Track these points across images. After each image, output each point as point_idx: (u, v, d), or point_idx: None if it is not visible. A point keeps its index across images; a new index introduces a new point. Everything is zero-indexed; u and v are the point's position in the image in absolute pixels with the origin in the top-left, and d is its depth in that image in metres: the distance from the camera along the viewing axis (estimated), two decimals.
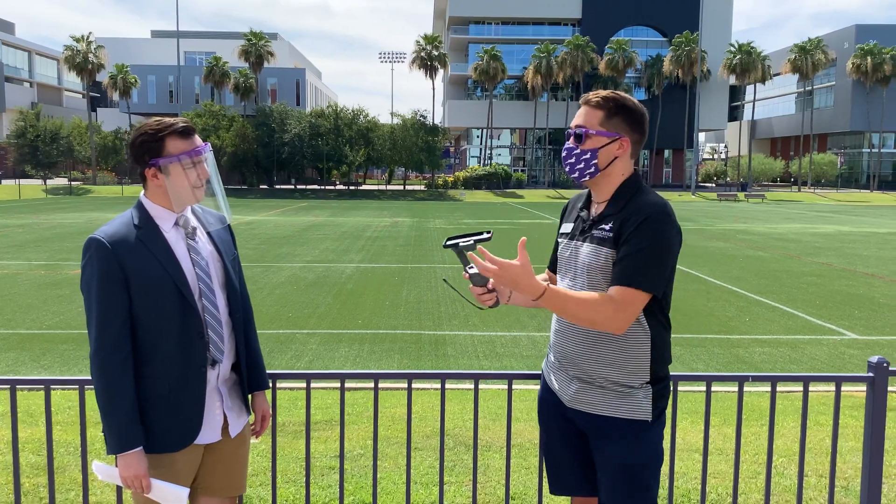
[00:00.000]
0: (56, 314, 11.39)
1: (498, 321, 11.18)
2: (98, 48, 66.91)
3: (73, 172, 68.37)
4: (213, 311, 2.51)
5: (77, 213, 35.42)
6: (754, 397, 7.02)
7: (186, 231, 2.50)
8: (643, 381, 2.51)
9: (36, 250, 19.85)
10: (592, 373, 2.53)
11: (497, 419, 6.02)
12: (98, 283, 2.37)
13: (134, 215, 2.46)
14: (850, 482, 4.49)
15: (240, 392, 2.68)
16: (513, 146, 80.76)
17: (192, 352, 2.44)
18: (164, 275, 2.39)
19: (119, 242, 2.38)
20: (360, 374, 3.34)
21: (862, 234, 28.41)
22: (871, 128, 72.55)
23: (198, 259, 2.50)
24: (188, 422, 2.47)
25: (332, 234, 26.16)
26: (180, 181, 2.43)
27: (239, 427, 2.65)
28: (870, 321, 11.51)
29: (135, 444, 2.37)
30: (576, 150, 2.52)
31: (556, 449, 2.74)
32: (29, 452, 4.92)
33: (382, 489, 4.31)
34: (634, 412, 2.50)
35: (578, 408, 2.58)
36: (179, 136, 2.43)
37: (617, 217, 2.47)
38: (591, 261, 2.49)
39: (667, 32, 73.28)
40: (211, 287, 2.51)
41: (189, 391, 2.46)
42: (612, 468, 2.54)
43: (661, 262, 2.39)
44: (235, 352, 2.62)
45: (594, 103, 2.51)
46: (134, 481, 2.37)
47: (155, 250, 2.41)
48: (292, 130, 62.83)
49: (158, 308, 2.39)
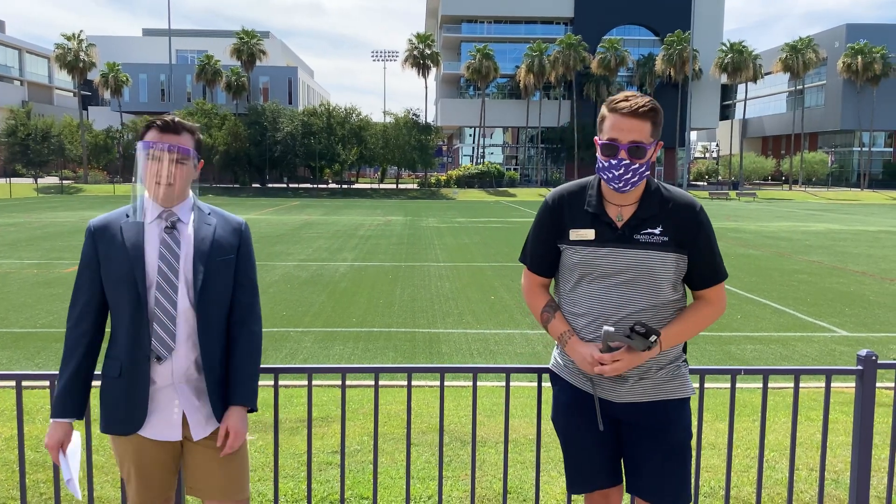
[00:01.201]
0: (49, 313, 11.38)
1: (492, 319, 11.23)
2: (89, 46, 66.67)
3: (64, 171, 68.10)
4: (166, 306, 2.47)
5: (69, 212, 35.29)
6: (745, 394, 7.10)
7: (166, 224, 2.52)
8: (682, 357, 2.68)
9: (28, 249, 19.79)
10: (651, 362, 2.58)
11: (492, 415, 6.07)
12: (80, 262, 2.58)
13: (131, 204, 2.58)
14: (839, 475, 4.57)
15: (206, 395, 2.57)
16: (505, 145, 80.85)
17: (137, 341, 2.48)
18: (125, 263, 2.47)
19: (101, 229, 2.54)
20: (361, 368, 3.38)
21: (852, 232, 28.59)
22: (862, 126, 72.92)
23: (166, 252, 2.50)
24: (132, 410, 2.50)
25: (325, 232, 26.16)
26: (140, 170, 2.52)
27: (203, 431, 2.56)
28: (860, 318, 11.61)
29: (59, 414, 2.53)
30: (633, 165, 2.44)
31: (587, 450, 2.70)
32: (27, 449, 4.94)
33: (380, 483, 4.35)
34: (686, 390, 2.64)
35: (633, 400, 2.59)
36: (158, 129, 2.53)
37: (661, 220, 2.53)
38: (648, 264, 2.51)
39: (658, 31, 73.46)
40: (172, 282, 2.48)
41: (135, 380, 2.49)
42: (668, 450, 2.60)
43: (718, 249, 2.63)
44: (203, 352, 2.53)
45: (643, 113, 2.43)
46: (49, 449, 2.54)
47: (127, 238, 2.50)
48: (284, 129, 62.72)
49: (117, 294, 2.50)
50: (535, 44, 69.51)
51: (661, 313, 2.56)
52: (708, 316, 2.61)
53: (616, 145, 2.43)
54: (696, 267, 2.57)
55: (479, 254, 19.72)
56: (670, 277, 2.53)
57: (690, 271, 2.58)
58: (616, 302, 2.53)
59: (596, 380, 2.61)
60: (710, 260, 2.58)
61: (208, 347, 2.54)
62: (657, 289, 2.53)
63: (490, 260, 18.45)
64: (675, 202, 2.54)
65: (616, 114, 2.45)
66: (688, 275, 2.60)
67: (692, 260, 2.56)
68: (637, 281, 2.51)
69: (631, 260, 2.50)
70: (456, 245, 22.10)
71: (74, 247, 20.36)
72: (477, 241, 23.48)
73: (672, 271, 2.53)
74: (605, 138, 2.47)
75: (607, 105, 2.50)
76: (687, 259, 2.55)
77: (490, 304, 12.42)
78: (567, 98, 74.02)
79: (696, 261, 2.56)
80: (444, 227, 29.54)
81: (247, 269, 2.65)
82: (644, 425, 2.61)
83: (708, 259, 2.57)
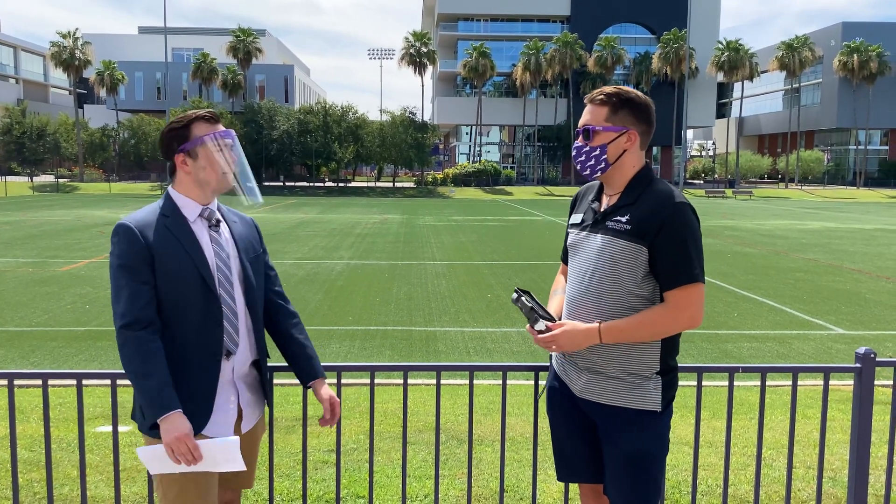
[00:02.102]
0: (45, 311, 11.33)
1: (488, 317, 11.22)
2: (85, 44, 66.46)
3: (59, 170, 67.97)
4: (230, 303, 2.53)
5: (64, 211, 35.20)
6: (742, 392, 7.10)
7: (210, 222, 2.55)
8: (653, 371, 2.55)
9: (23, 248, 19.73)
10: (603, 363, 2.56)
11: (488, 414, 6.06)
12: (125, 264, 2.40)
13: (162, 205, 2.52)
14: (837, 473, 4.56)
15: (258, 389, 2.70)
16: (502, 143, 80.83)
17: (208, 339, 2.47)
18: (188, 260, 2.44)
19: (146, 227, 2.44)
20: (357, 366, 3.36)
21: (848, 230, 28.64)
22: (858, 125, 73.04)
23: (219, 250, 2.54)
24: (197, 410, 2.46)
25: (321, 231, 26.13)
26: (207, 164, 2.50)
27: (251, 423, 2.66)
28: (856, 316, 11.62)
29: (174, 405, 2.35)
30: (585, 147, 2.56)
31: (565, 437, 2.76)
32: (20, 448, 4.91)
33: (377, 482, 4.33)
34: (644, 402, 2.54)
35: (589, 398, 2.61)
36: (205, 121, 2.52)
37: (633, 209, 2.49)
38: (609, 251, 2.50)
39: (655, 30, 73.48)
40: (229, 279, 2.54)
41: (202, 379, 2.47)
42: (620, 457, 2.57)
43: (700, 250, 2.48)
44: (256, 349, 2.64)
45: (598, 100, 2.55)
46: (179, 445, 2.32)
47: (180, 237, 2.46)
48: (281, 127, 62.65)
49: (180, 293, 2.43)
50: (531, 42, 69.49)
51: (620, 306, 2.50)
52: (659, 317, 2.45)
53: (578, 131, 2.61)
54: (658, 262, 2.45)
55: (476, 252, 19.70)
56: (629, 268, 2.47)
57: (655, 268, 2.46)
58: (582, 287, 2.58)
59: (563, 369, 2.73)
60: (675, 258, 2.42)
61: (261, 341, 2.65)
62: (617, 279, 2.50)
63: (487, 258, 18.43)
64: (652, 193, 2.49)
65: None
66: (655, 273, 2.48)
67: (653, 254, 2.44)
68: (601, 268, 2.52)
69: (598, 246, 2.54)
70: (452, 243, 22.08)
71: (70, 245, 20.31)
72: (474, 239, 23.47)
73: (629, 262, 2.46)
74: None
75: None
76: (647, 252, 2.45)
77: (487, 303, 12.41)
78: (564, 96, 74.05)
79: (657, 256, 2.44)
80: (441, 225, 29.51)
81: (270, 263, 2.80)
82: (602, 426, 2.62)
83: (672, 256, 2.42)
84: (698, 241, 2.48)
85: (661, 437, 2.58)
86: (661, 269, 2.46)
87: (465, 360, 8.80)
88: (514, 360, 8.79)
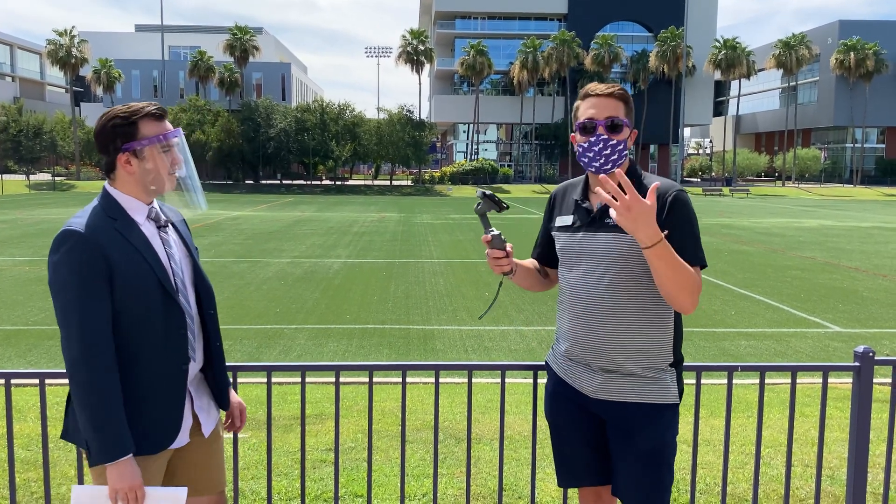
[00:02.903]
0: (41, 310, 11.31)
1: (486, 315, 11.21)
2: (81, 42, 66.30)
3: (56, 168, 67.81)
4: (187, 308, 2.38)
5: (61, 209, 35.13)
6: (740, 390, 7.10)
7: (159, 224, 2.37)
8: (668, 363, 2.54)
9: (20, 246, 19.68)
10: (621, 360, 2.51)
11: (486, 412, 6.05)
12: (80, 279, 2.17)
13: (104, 206, 2.29)
14: (835, 471, 4.56)
15: (207, 391, 2.56)
16: (499, 141, 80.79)
17: (173, 349, 2.32)
18: (148, 269, 2.25)
19: (98, 233, 2.21)
20: (355, 365, 3.34)
21: (845, 228, 28.68)
22: (854, 123, 73.13)
23: (171, 253, 2.37)
24: (168, 423, 2.34)
25: (318, 229, 26.10)
26: (155, 166, 2.29)
27: (210, 428, 2.54)
28: (853, 314, 11.64)
29: (127, 449, 2.18)
30: (611, 140, 2.45)
31: (571, 441, 2.70)
32: (17, 447, 4.90)
33: (375, 481, 4.33)
34: (664, 396, 2.52)
35: (604, 398, 2.56)
36: (153, 118, 2.30)
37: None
38: (617, 248, 2.47)
39: (652, 28, 73.49)
40: (184, 282, 2.40)
41: (169, 391, 2.33)
42: (639, 454, 2.53)
43: (699, 236, 2.48)
44: (204, 350, 2.50)
45: (618, 95, 2.50)
46: (129, 493, 2.17)
47: (135, 242, 2.25)
48: (278, 125, 62.57)
49: (143, 304, 2.24)
50: (528, 40, 69.46)
51: (637, 303, 2.48)
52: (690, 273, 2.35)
53: (594, 122, 2.47)
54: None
55: (474, 250, 19.69)
56: (641, 261, 2.44)
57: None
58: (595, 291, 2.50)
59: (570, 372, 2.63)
60: (683, 240, 2.39)
61: (213, 342, 2.50)
62: (632, 274, 2.47)
63: (484, 256, 18.38)
64: (648, 184, 2.48)
65: (590, 97, 2.51)
66: None
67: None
68: (613, 266, 2.48)
69: (601, 244, 2.49)
70: (450, 241, 22.08)
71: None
72: (471, 237, 23.46)
73: (641, 254, 2.42)
74: (582, 119, 2.50)
75: (580, 95, 2.58)
76: None
77: (485, 301, 12.40)
78: (561, 94, 74.05)
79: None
80: (439, 223, 29.50)
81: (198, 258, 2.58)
82: (617, 425, 2.58)
83: (680, 238, 2.39)
84: (697, 227, 2.49)
85: (676, 431, 2.59)
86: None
87: (462, 358, 8.79)
88: (512, 358, 8.78)
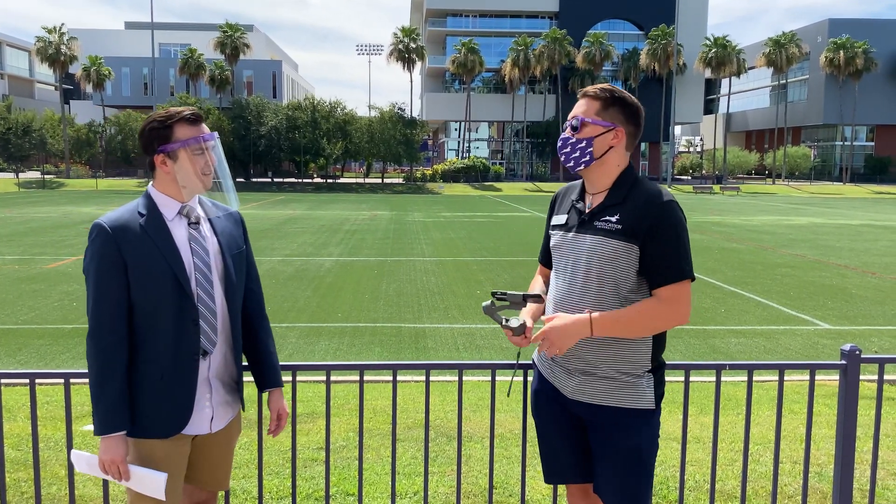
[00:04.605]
0: (31, 309, 11.26)
1: (478, 314, 11.23)
2: (71, 39, 65.90)
3: (45, 166, 67.44)
4: (208, 302, 2.52)
5: (51, 207, 34.95)
6: (729, 387, 7.14)
7: (189, 220, 2.53)
8: (645, 369, 2.56)
9: (9, 245, 19.57)
10: (596, 363, 2.55)
11: (477, 410, 6.07)
12: (96, 267, 2.41)
13: (140, 204, 2.50)
14: (823, 468, 4.60)
15: (234, 389, 2.68)
16: (491, 139, 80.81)
17: (185, 339, 2.46)
18: (163, 262, 2.42)
19: (120, 228, 2.41)
20: (346, 365, 3.35)
21: (835, 225, 28.83)
22: (844, 121, 73.48)
23: (197, 248, 2.52)
24: (178, 410, 2.48)
25: (310, 227, 26.06)
26: (188, 167, 2.47)
27: (223, 422, 2.64)
28: (842, 311, 11.71)
29: (118, 427, 2.40)
30: (571, 139, 2.56)
31: (553, 439, 2.75)
32: (7, 447, 4.89)
33: (366, 480, 4.34)
34: (639, 401, 2.55)
35: (581, 399, 2.60)
36: (188, 123, 2.49)
37: (621, 208, 2.50)
38: (599, 251, 2.50)
39: (643, 26, 73.63)
40: (209, 277, 2.52)
41: (180, 379, 2.47)
42: (615, 455, 2.57)
43: (688, 246, 2.51)
44: (232, 346, 2.62)
45: (591, 94, 2.57)
46: (111, 466, 2.41)
47: (156, 238, 2.44)
48: (269, 123, 62.39)
49: (155, 294, 2.42)
50: (520, 38, 69.48)
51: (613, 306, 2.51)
52: (650, 309, 2.45)
53: (567, 124, 2.61)
54: (650, 260, 2.45)
55: (465, 248, 19.71)
56: (621, 267, 2.48)
57: (645, 266, 2.47)
58: (573, 289, 2.56)
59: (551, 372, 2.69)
60: (667, 255, 2.44)
61: (237, 340, 2.64)
62: (610, 278, 2.50)
63: (476, 255, 18.45)
64: (640, 192, 2.51)
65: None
66: (644, 270, 2.49)
67: (645, 252, 2.45)
68: (593, 269, 2.51)
69: (587, 246, 2.53)
70: (442, 239, 22.08)
71: (56, 242, 20.17)
72: (463, 235, 23.47)
73: (622, 261, 2.47)
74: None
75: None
76: (638, 250, 2.46)
77: (476, 299, 12.42)
78: (552, 92, 74.11)
79: (649, 253, 2.45)
80: (430, 221, 29.50)
81: (252, 260, 2.76)
82: (595, 427, 2.62)
83: (664, 254, 2.43)
84: (686, 238, 2.50)
85: (654, 434, 2.61)
86: (653, 266, 2.47)
87: (454, 356, 8.80)
88: (503, 356, 8.80)
